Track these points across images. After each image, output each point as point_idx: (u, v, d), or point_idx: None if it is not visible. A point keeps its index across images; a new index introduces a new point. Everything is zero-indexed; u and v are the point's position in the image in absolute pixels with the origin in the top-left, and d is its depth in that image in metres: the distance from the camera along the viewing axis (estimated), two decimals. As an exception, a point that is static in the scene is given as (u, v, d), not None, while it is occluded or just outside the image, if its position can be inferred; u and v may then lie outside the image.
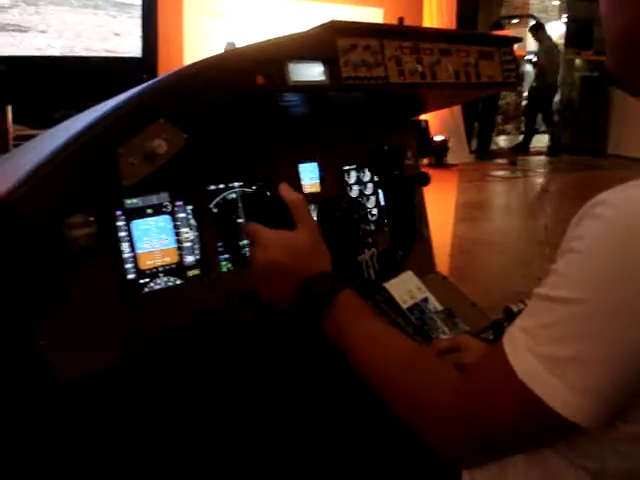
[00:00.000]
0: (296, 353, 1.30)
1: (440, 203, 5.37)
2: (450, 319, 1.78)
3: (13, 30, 2.14)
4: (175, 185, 1.40)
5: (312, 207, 1.64)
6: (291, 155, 1.64)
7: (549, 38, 10.11)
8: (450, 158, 8.20)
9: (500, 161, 9.20)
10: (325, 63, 1.23)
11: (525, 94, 10.64)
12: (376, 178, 1.80)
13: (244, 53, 1.11)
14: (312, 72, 1.21)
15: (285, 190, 1.05)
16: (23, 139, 3.53)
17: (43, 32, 2.19)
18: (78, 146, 0.92)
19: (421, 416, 0.85)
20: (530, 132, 10.17)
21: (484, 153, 9.47)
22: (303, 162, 1.67)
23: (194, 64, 1.06)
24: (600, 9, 0.89)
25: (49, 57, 2.12)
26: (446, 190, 6.37)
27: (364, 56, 1.30)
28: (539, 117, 10.21)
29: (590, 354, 0.71)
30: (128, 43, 2.32)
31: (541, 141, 10.54)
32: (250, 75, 1.10)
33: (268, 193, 1.10)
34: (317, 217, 1.24)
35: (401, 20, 2.39)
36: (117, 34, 2.35)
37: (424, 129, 2.01)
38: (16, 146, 2.50)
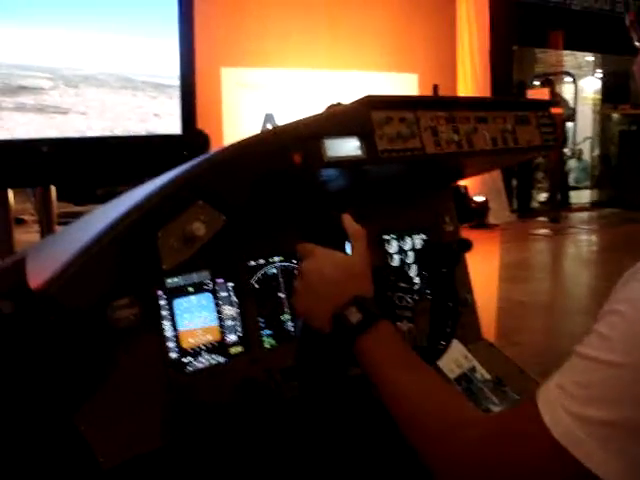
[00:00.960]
0: (341, 429, 1.28)
1: (483, 265, 5.31)
2: (499, 388, 1.74)
3: (53, 112, 2.19)
4: (215, 262, 1.40)
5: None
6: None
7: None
8: (491, 218, 8.15)
9: (542, 219, 9.13)
10: (361, 137, 1.23)
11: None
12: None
13: (280, 132, 1.12)
14: (348, 147, 1.22)
15: (348, 220, 1.11)
16: (68, 216, 3.61)
17: (83, 114, 2.24)
18: (117, 233, 0.93)
19: (444, 457, 0.84)
20: (564, 188, 10.12)
21: (524, 211, 9.43)
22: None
23: (230, 146, 1.07)
24: (634, 65, 0.90)
25: (91, 138, 2.16)
26: (489, 251, 6.29)
27: (399, 128, 1.30)
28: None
29: (628, 418, 0.70)
30: (168, 122, 2.36)
31: (582, 197, 10.46)
32: (287, 154, 1.11)
33: (327, 220, 1.14)
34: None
35: (435, 87, 2.42)
36: (156, 115, 2.39)
37: (463, 195, 2.00)
38: (60, 224, 2.56)
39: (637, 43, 0.92)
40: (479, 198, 7.78)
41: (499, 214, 8.47)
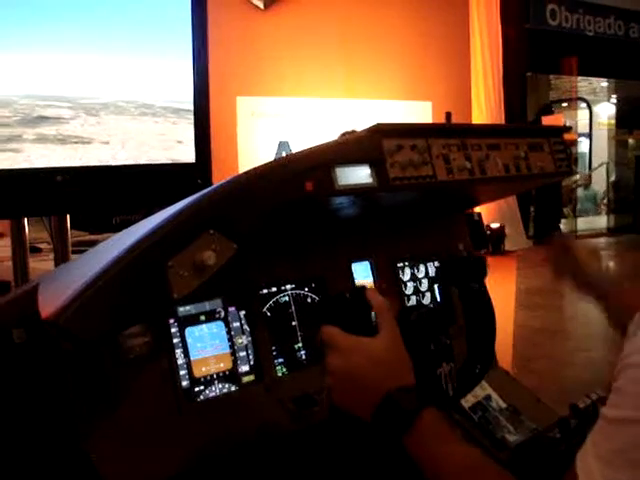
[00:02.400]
0: (355, 462, 1.26)
1: (500, 291, 5.28)
2: (515, 417, 1.72)
3: (75, 142, 2.18)
4: (227, 291, 1.40)
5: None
6: (343, 255, 1.63)
7: None
8: (508, 245, 8.14)
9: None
10: (372, 165, 1.23)
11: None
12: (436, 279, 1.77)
13: (292, 160, 1.13)
14: (359, 175, 1.22)
15: (372, 293, 1.03)
16: (83, 245, 3.62)
17: (106, 143, 2.24)
18: (127, 262, 0.93)
19: None
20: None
21: (542, 237, 9.38)
22: (355, 261, 1.66)
23: (242, 174, 1.07)
24: None
25: (105, 166, 2.17)
26: (505, 278, 6.27)
27: (411, 156, 1.30)
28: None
29: None
30: (190, 149, 2.37)
31: (600, 223, 10.40)
32: (298, 182, 1.11)
33: (348, 295, 1.07)
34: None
35: (448, 115, 2.42)
36: (180, 142, 2.39)
37: (477, 221, 1.99)
38: (75, 252, 2.57)
39: None
40: (495, 225, 7.80)
41: (515, 240, 8.47)
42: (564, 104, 13.96)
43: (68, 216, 2.28)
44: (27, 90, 2.06)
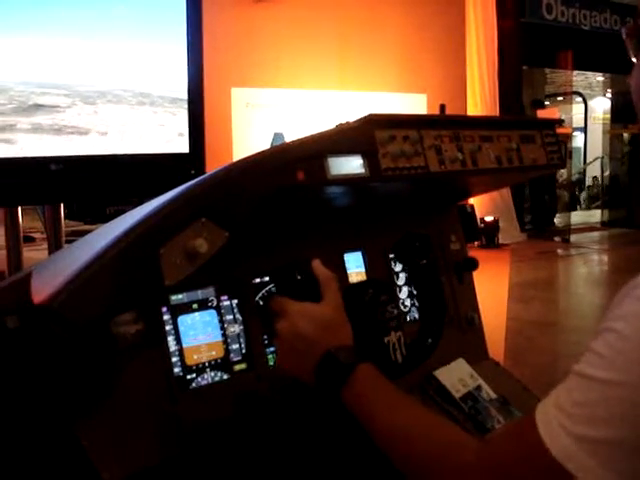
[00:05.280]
0: (343, 450, 1.27)
1: (493, 284, 5.30)
2: (505, 407, 1.73)
3: (71, 132, 2.15)
4: (220, 279, 1.41)
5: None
6: (335, 245, 1.64)
7: None
8: (502, 238, 8.16)
9: (556, 238, 9.11)
10: (364, 156, 1.24)
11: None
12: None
13: (284, 150, 1.13)
14: (351, 165, 1.23)
15: (317, 265, 1.16)
16: (77, 235, 3.63)
17: (104, 134, 2.20)
18: (119, 249, 0.94)
19: None
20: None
21: (541, 230, 9.41)
22: (348, 252, 1.67)
23: (234, 163, 1.08)
24: (631, 79, 0.92)
25: (99, 156, 2.15)
26: (498, 271, 6.29)
27: (403, 147, 1.31)
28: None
29: (626, 436, 0.71)
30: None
31: (594, 216, 10.44)
32: (291, 171, 1.12)
33: (296, 270, 1.18)
34: (343, 299, 1.24)
35: (442, 107, 2.42)
36: (181, 134, 2.36)
37: (470, 214, 2.00)
38: (69, 242, 2.57)
39: (633, 58, 0.93)
40: (489, 218, 7.81)
41: (509, 233, 8.49)
42: (559, 98, 13.97)
43: (62, 205, 2.29)
44: (23, 77, 2.03)
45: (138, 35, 2.25)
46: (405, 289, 1.81)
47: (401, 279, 1.79)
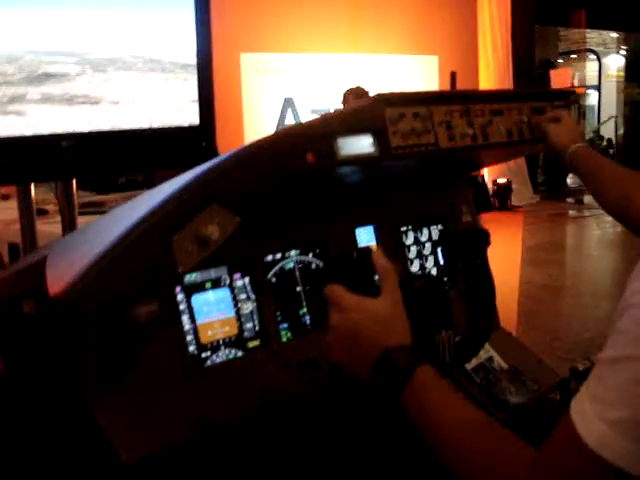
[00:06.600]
0: (358, 426, 1.29)
1: (506, 247, 5.29)
2: (517, 378, 1.75)
3: (83, 102, 2.11)
4: (232, 258, 1.42)
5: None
6: (346, 220, 1.65)
7: None
8: (514, 200, 8.12)
9: (569, 200, 9.04)
10: (374, 134, 1.24)
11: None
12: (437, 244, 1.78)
13: (293, 132, 1.13)
14: (361, 144, 1.22)
15: (377, 256, 1.06)
16: (89, 206, 3.65)
17: (115, 103, 2.16)
18: (133, 238, 0.95)
19: None
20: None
21: (553, 191, 9.33)
22: (359, 226, 1.68)
23: (243, 148, 1.08)
24: None
25: (110, 132, 2.13)
26: (512, 234, 6.28)
27: (413, 124, 1.31)
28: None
29: None
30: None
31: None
32: (301, 153, 1.12)
33: (354, 255, 1.11)
34: None
35: (453, 75, 2.41)
36: (194, 101, 2.32)
37: (480, 184, 2.00)
38: (82, 214, 2.58)
39: None
40: (502, 180, 7.75)
41: (522, 196, 8.44)
42: (573, 56, 13.77)
43: (74, 180, 2.30)
44: (32, 45, 1.99)
45: (146, 1, 2.21)
46: (417, 262, 1.82)
47: (412, 253, 1.80)
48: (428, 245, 1.84)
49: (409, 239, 1.80)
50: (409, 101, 1.31)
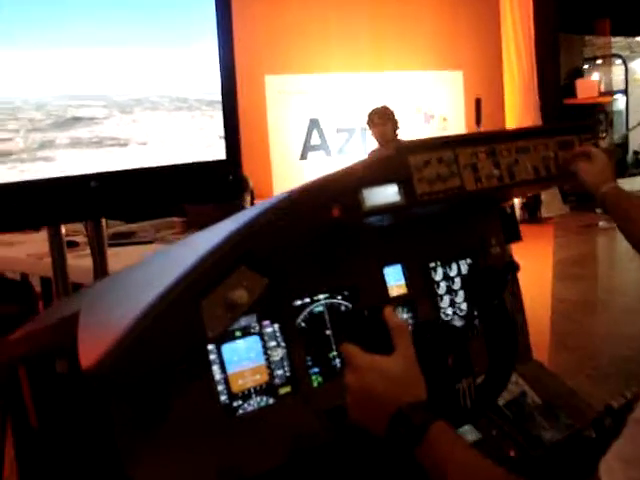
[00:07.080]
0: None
1: (536, 262, 5.23)
2: (550, 413, 1.72)
3: (111, 145, 2.14)
4: (261, 305, 1.42)
5: (400, 309, 1.64)
6: (373, 260, 1.64)
7: None
8: (544, 211, 8.04)
9: (598, 210, 8.92)
10: (399, 183, 1.24)
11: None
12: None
13: (317, 188, 1.13)
14: (386, 194, 1.22)
15: (389, 314, 1.09)
16: (119, 237, 3.69)
17: (143, 144, 2.19)
18: (164, 306, 0.96)
19: None
20: None
21: (584, 200, 9.21)
22: (387, 265, 1.67)
23: (269, 208, 1.08)
24: None
25: (136, 169, 2.16)
26: (541, 247, 6.21)
27: (438, 169, 1.31)
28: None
29: None
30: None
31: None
32: (326, 208, 1.12)
33: (366, 313, 1.14)
34: (414, 345, 1.23)
35: (478, 101, 2.40)
36: (221, 137, 2.33)
37: (509, 215, 1.97)
38: (112, 245, 2.60)
39: None
40: (530, 192, 7.55)
41: (552, 207, 8.36)
42: (598, 61, 13.65)
43: (104, 220, 2.32)
44: (59, 90, 2.02)
45: (169, 39, 2.23)
46: (447, 298, 1.81)
47: (442, 289, 1.79)
48: (457, 280, 1.82)
49: (438, 275, 1.78)
50: (433, 147, 1.31)
